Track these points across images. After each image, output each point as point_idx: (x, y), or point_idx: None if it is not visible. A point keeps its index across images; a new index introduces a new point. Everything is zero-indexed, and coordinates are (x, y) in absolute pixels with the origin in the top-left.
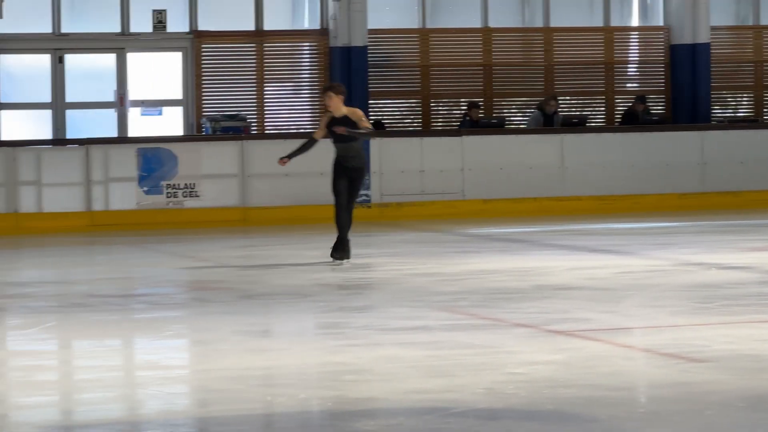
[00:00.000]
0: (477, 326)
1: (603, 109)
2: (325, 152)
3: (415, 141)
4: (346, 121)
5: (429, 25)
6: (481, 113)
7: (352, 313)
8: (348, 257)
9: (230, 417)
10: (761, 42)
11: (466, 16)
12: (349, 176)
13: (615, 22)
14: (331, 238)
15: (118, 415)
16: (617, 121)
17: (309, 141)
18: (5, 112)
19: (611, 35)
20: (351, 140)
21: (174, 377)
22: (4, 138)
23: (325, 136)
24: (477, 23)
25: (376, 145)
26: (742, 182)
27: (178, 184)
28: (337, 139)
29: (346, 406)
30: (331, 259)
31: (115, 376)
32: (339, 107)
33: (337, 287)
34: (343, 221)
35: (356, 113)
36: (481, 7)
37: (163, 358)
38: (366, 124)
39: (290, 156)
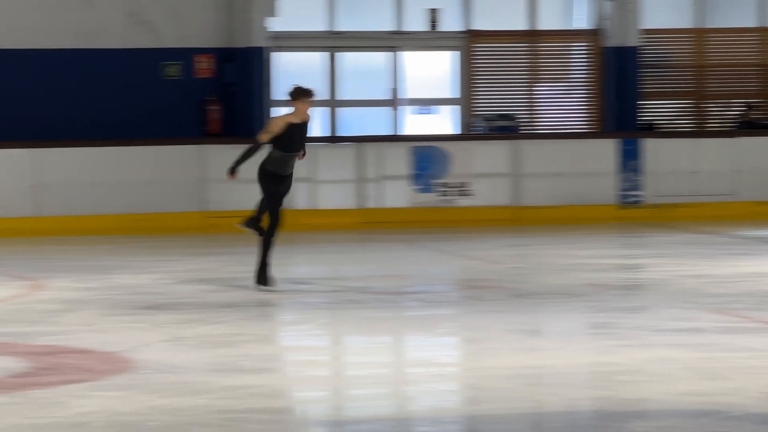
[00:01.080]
0: (751, 329)
1: None
2: (598, 150)
3: (686, 142)
4: (304, 128)
5: (704, 25)
6: (759, 114)
7: (623, 314)
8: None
9: (499, 415)
10: None
11: (740, 15)
12: (285, 188)
13: None
14: (609, 239)
15: (389, 411)
16: None
17: (255, 146)
18: (280, 110)
19: None
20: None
21: (445, 375)
22: None
23: (270, 142)
24: (752, 22)
25: (649, 146)
26: None
27: (451, 183)
28: (293, 149)
29: (618, 407)
30: (261, 286)
31: (387, 373)
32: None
33: (609, 287)
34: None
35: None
36: (756, 6)
37: (434, 356)
38: None
39: (237, 165)
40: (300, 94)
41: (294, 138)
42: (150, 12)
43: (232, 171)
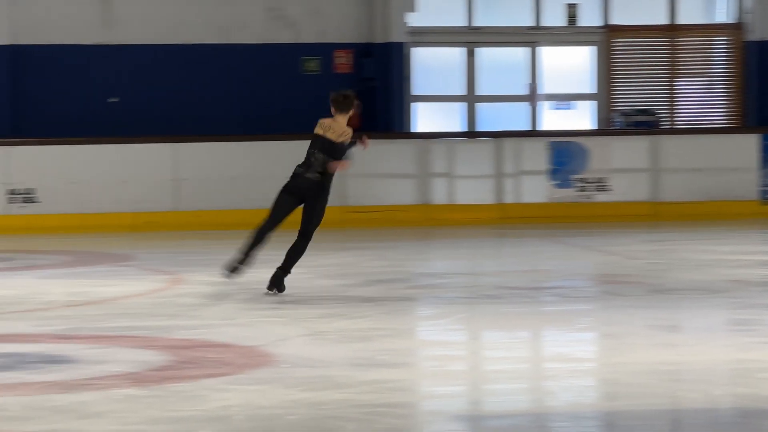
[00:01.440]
0: None
1: None
2: (739, 145)
3: None
4: (333, 147)
5: None
6: None
7: (765, 311)
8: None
9: (638, 411)
10: None
11: None
12: (290, 203)
13: None
14: (750, 234)
15: (527, 406)
16: None
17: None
18: (419, 105)
19: None
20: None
21: (583, 370)
22: (418, 130)
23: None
24: None
25: None
26: None
27: (589, 178)
28: (307, 163)
29: (760, 404)
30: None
31: (525, 368)
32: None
33: (750, 284)
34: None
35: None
36: None
37: (572, 351)
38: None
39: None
40: (336, 103)
41: (313, 154)
42: (289, 7)
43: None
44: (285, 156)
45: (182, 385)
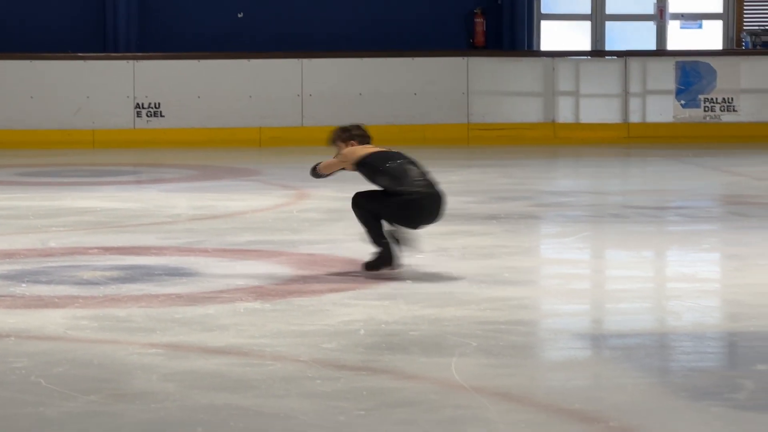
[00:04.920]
0: None
1: None
2: None
3: None
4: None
5: None
6: None
7: None
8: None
9: (764, 332)
10: None
11: None
12: None
13: None
14: None
15: (651, 326)
16: None
17: None
18: (546, 23)
19: None
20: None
21: (708, 290)
22: (544, 48)
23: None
24: None
25: None
26: None
27: (716, 98)
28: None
29: None
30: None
31: (649, 288)
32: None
33: None
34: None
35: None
36: None
37: (698, 271)
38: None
39: None
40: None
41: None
42: None
43: None
44: (412, 72)
45: (306, 300)
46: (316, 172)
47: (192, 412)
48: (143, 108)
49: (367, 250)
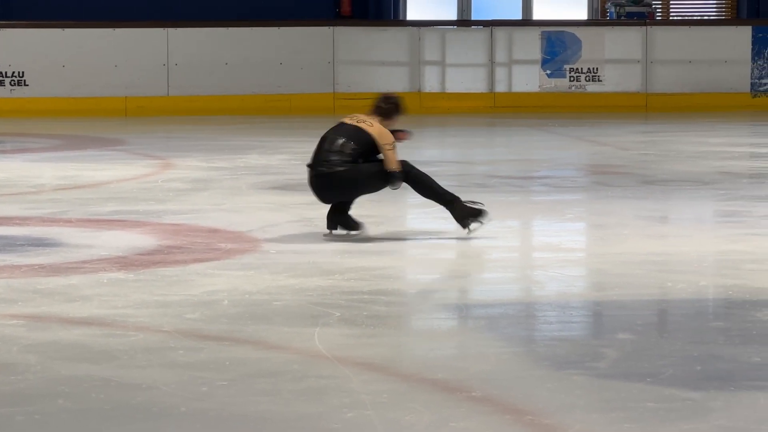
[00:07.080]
0: None
1: None
2: (732, 38)
3: None
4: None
5: None
6: None
7: (754, 202)
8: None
9: (627, 301)
10: None
11: None
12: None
13: None
14: (741, 127)
15: (516, 295)
16: None
17: None
18: None
19: None
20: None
21: (572, 260)
22: (410, 18)
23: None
24: None
25: None
26: None
27: (581, 68)
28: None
29: (746, 295)
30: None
31: (514, 257)
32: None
33: (740, 176)
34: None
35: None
36: None
37: (562, 241)
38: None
39: None
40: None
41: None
42: None
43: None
44: (278, 42)
45: (169, 270)
46: (398, 173)
47: (53, 384)
48: (7, 77)
49: (232, 220)
